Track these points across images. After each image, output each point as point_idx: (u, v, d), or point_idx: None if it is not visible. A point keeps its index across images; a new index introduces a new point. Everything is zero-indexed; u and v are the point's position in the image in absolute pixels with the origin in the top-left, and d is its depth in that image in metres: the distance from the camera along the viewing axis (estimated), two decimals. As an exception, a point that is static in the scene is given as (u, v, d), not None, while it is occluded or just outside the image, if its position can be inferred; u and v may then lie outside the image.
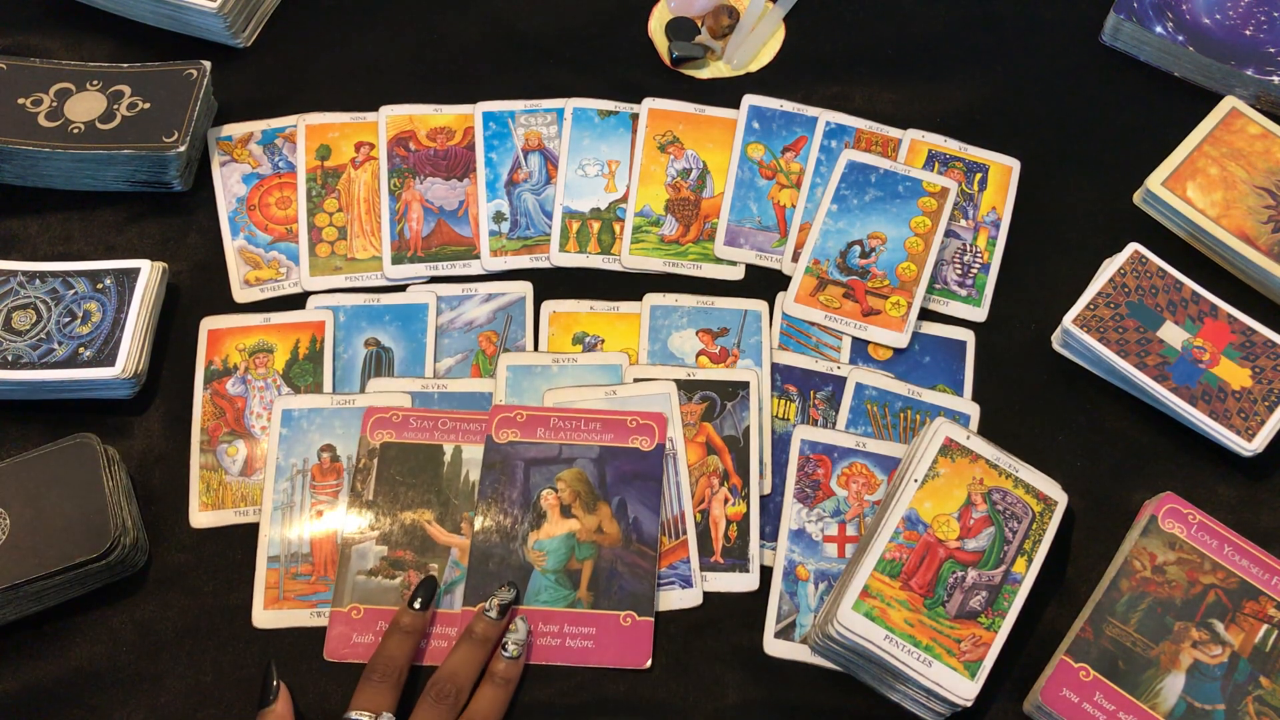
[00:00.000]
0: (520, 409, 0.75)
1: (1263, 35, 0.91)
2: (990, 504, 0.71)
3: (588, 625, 0.70)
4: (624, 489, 0.73)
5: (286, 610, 0.72)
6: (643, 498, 0.73)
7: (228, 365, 0.79)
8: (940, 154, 0.88)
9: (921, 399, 0.79)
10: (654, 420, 0.75)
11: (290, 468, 0.75)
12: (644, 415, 0.75)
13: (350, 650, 0.71)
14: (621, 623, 0.70)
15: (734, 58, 0.93)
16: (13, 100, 0.85)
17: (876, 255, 0.83)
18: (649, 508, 0.73)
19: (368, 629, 0.71)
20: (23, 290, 0.79)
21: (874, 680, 0.69)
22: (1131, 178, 0.87)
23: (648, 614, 0.71)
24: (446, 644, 0.70)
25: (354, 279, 0.83)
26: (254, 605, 0.72)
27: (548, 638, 0.70)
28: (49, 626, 0.72)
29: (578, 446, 0.74)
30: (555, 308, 0.82)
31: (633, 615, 0.70)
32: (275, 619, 0.72)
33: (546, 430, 0.75)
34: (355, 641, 0.71)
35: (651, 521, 0.73)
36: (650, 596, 0.71)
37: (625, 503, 0.73)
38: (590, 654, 0.70)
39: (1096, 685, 0.67)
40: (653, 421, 0.75)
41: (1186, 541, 0.71)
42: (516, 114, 0.89)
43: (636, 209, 0.86)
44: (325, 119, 0.89)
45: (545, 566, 0.72)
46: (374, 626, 0.71)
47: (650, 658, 0.70)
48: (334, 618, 0.71)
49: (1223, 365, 0.77)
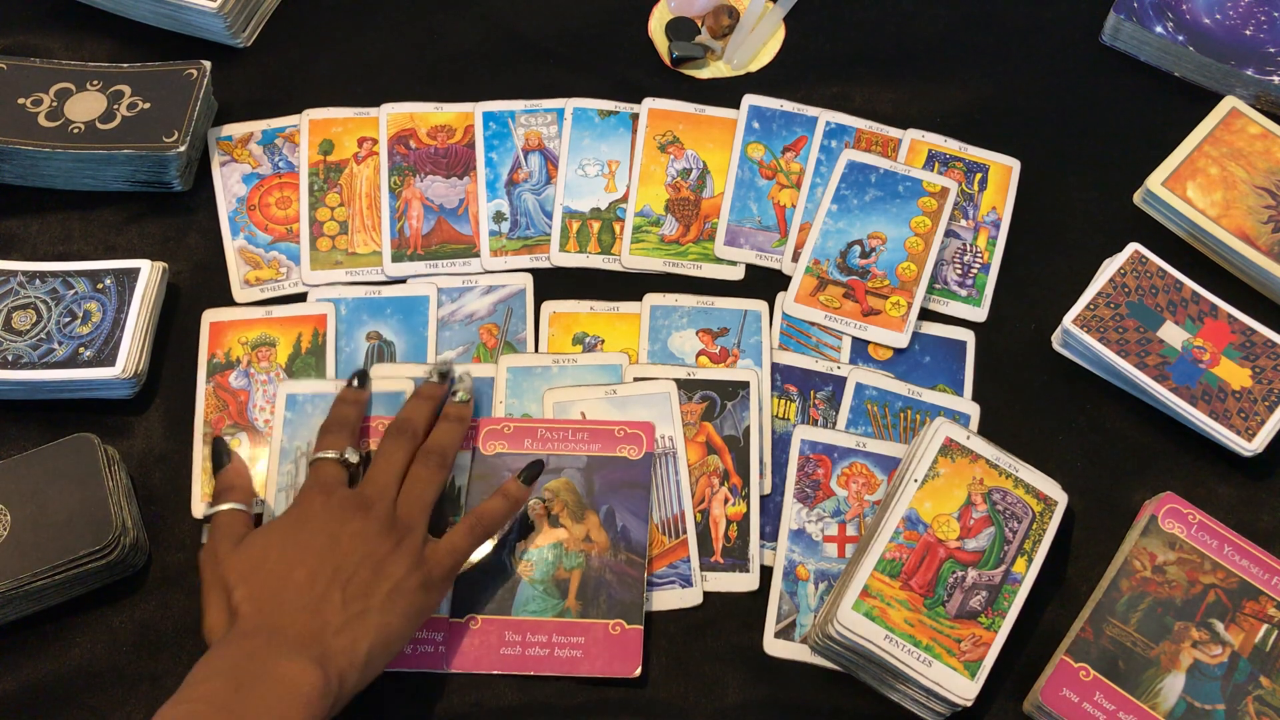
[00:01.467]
0: (508, 421, 0.75)
1: (1263, 35, 0.91)
2: (990, 504, 0.71)
3: (576, 634, 0.70)
4: (612, 497, 0.73)
5: None
6: (631, 506, 0.73)
7: (230, 358, 0.79)
8: (940, 154, 0.88)
9: (921, 399, 0.79)
10: (642, 429, 0.75)
11: (294, 450, 0.76)
12: (632, 424, 0.75)
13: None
14: (610, 631, 0.70)
15: (734, 58, 0.93)
16: (13, 100, 0.85)
17: (876, 255, 0.83)
18: (638, 516, 0.73)
19: None
20: (23, 290, 0.79)
21: (874, 680, 0.70)
22: (1131, 178, 0.87)
23: (637, 622, 0.70)
24: (433, 648, 0.70)
25: (354, 274, 0.83)
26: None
27: (536, 648, 0.70)
28: (49, 626, 0.71)
29: (565, 456, 0.74)
30: (555, 308, 0.82)
31: (621, 624, 0.70)
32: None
33: (534, 441, 0.74)
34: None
35: (640, 530, 0.72)
36: (639, 604, 0.70)
37: (614, 511, 0.73)
38: (579, 663, 0.69)
39: (1096, 685, 0.67)
40: (640, 430, 0.75)
41: (1186, 541, 0.71)
42: (516, 114, 0.89)
43: (636, 209, 0.86)
44: (328, 114, 0.89)
45: (533, 576, 0.71)
46: None
47: (640, 666, 0.69)
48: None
49: (1223, 365, 0.77)
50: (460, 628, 0.70)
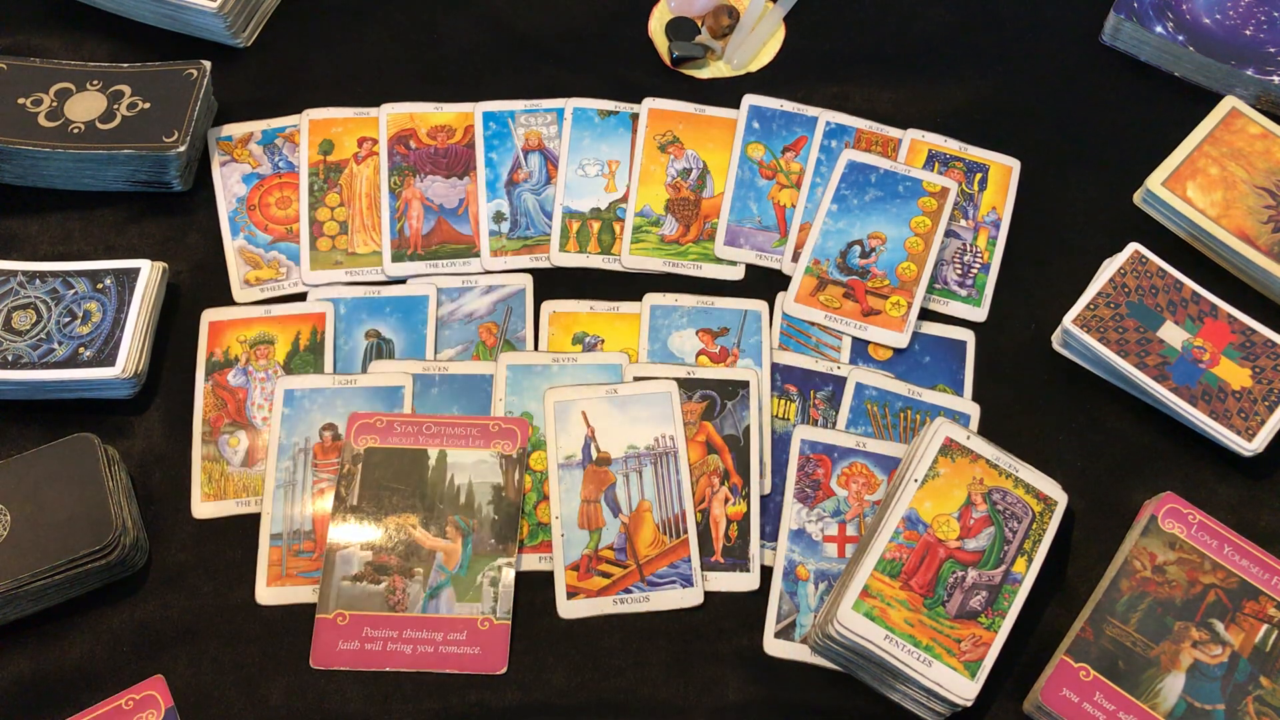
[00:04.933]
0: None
1: (1263, 35, 0.91)
2: (990, 504, 0.71)
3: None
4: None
5: (289, 587, 0.73)
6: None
7: (229, 357, 0.80)
8: (940, 154, 0.88)
9: (921, 399, 0.79)
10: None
11: (292, 446, 0.76)
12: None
13: (337, 657, 0.70)
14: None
15: (734, 58, 0.93)
16: (13, 100, 0.85)
17: (876, 255, 0.83)
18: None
19: (354, 635, 0.71)
20: (23, 290, 0.79)
21: (874, 680, 0.69)
22: (1131, 178, 0.87)
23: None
24: (433, 649, 0.70)
25: (354, 274, 0.83)
26: (257, 583, 0.73)
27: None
28: (49, 626, 0.71)
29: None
30: (555, 308, 0.82)
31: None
32: (278, 596, 0.72)
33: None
34: (342, 648, 0.70)
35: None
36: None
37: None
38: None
39: (1096, 685, 0.67)
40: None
41: (1186, 541, 0.71)
42: (516, 114, 0.89)
43: (636, 209, 0.86)
44: (329, 114, 0.89)
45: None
46: (359, 633, 0.71)
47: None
48: (319, 625, 0.71)
49: (1223, 365, 0.77)
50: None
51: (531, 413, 0.77)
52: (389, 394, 0.77)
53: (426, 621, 0.71)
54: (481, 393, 0.78)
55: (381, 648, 0.70)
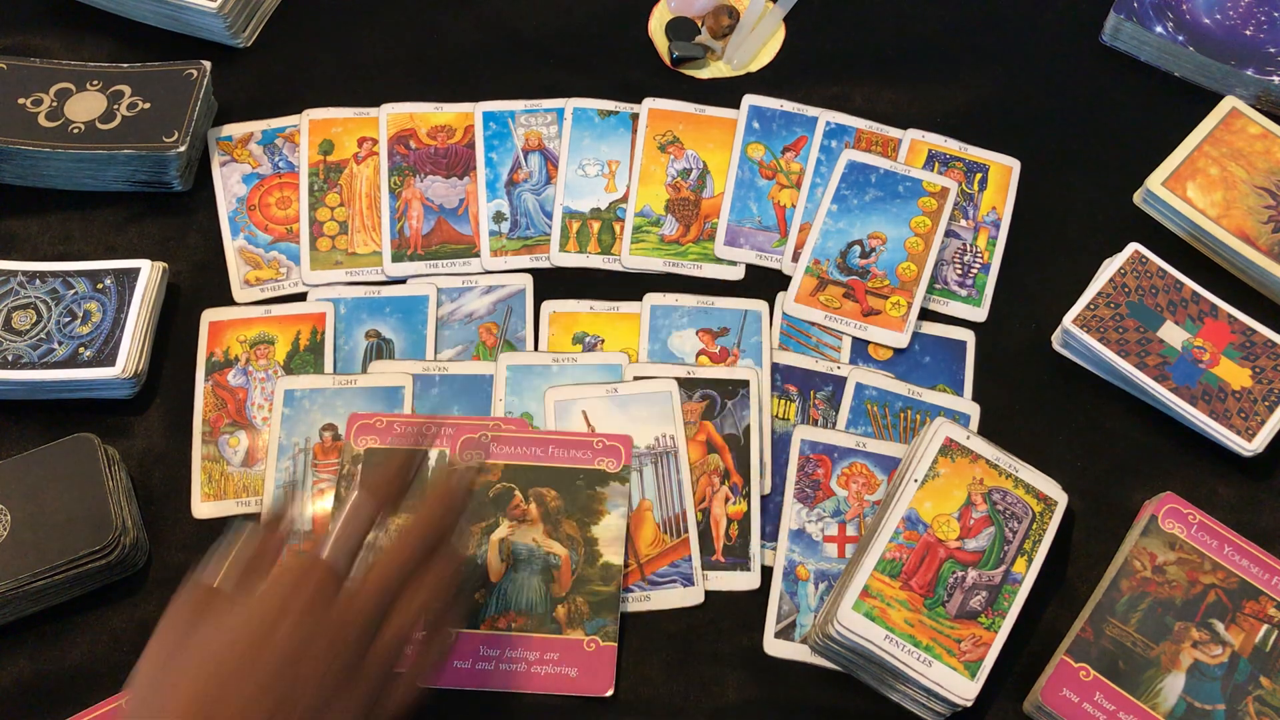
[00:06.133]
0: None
1: (1263, 35, 0.91)
2: (990, 504, 0.71)
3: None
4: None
5: None
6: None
7: (229, 357, 0.80)
8: (940, 154, 0.88)
9: (921, 399, 0.79)
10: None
11: (293, 446, 0.76)
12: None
13: None
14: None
15: (734, 58, 0.93)
16: (13, 100, 0.85)
17: (876, 255, 0.83)
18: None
19: None
20: (23, 290, 0.79)
21: (874, 680, 0.69)
22: (1131, 178, 0.87)
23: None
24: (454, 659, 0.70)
25: (354, 274, 0.83)
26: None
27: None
28: (49, 626, 0.71)
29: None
30: (555, 308, 0.82)
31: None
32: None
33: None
34: None
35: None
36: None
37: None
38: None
39: (1096, 685, 0.67)
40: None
41: (1186, 541, 0.71)
42: (516, 114, 0.89)
43: (636, 209, 0.86)
44: (329, 114, 0.89)
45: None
46: None
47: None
48: None
49: (1223, 365, 0.77)
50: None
51: (531, 413, 0.77)
52: (389, 394, 0.77)
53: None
54: (482, 393, 0.78)
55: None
